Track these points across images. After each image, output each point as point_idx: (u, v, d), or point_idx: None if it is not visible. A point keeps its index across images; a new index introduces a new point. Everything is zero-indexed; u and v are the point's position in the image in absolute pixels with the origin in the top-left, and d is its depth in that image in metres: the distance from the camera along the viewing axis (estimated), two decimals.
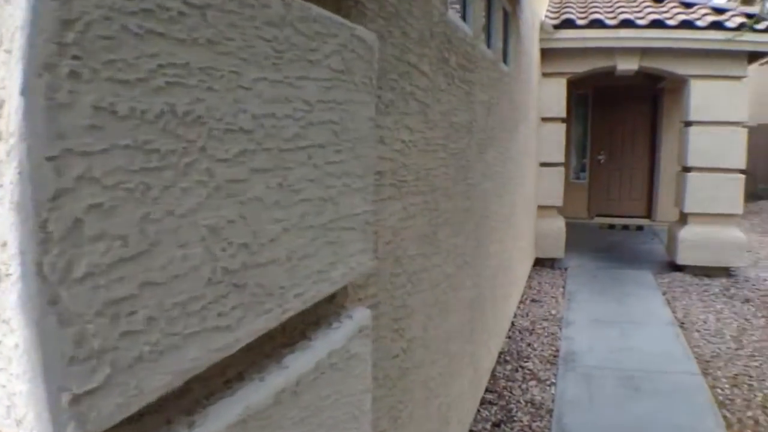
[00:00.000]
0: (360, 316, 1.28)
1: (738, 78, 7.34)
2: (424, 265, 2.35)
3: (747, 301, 6.62)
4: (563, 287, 7.14)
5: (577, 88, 10.94)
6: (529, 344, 5.34)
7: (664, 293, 6.88)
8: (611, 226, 11.21)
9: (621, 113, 11.51)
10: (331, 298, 1.20)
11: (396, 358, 2.02)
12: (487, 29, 4.10)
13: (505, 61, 4.75)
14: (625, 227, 11.13)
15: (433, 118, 2.40)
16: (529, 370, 4.81)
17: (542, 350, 5.21)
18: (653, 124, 11.43)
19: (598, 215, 11.74)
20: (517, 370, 4.81)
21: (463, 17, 3.28)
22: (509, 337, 5.46)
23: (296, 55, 0.94)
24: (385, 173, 1.82)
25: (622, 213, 11.66)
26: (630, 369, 4.76)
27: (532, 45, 6.52)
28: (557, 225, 8.02)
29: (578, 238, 9.72)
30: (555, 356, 5.07)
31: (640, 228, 11.08)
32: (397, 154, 1.91)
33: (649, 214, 11.58)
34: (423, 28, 2.18)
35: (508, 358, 5.03)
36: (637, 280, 7.37)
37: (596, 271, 7.87)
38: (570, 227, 9.84)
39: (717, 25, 7.01)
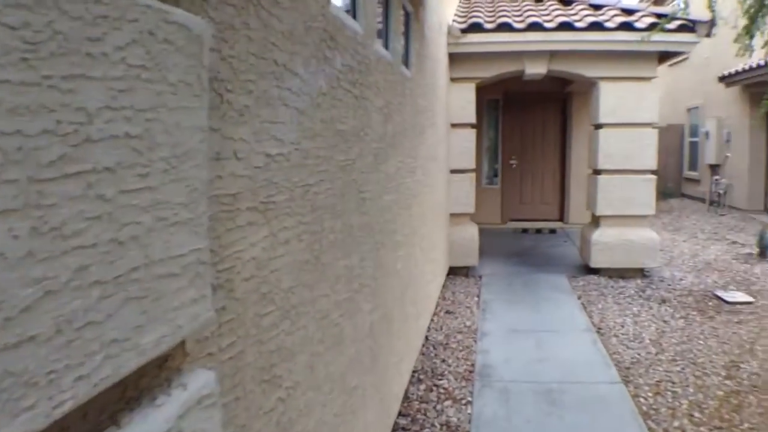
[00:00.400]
0: (199, 382, 0.94)
1: (648, 79, 7.39)
2: (305, 297, 1.98)
3: (663, 301, 6.62)
4: (478, 296, 6.94)
5: (487, 93, 10.89)
6: (443, 360, 5.06)
7: (579, 297, 6.80)
8: (525, 231, 11.22)
9: (532, 118, 11.56)
10: (162, 363, 0.84)
11: (271, 413, 1.64)
12: (385, 30, 3.78)
13: (407, 64, 4.45)
14: (539, 231, 11.16)
15: (312, 126, 2.03)
16: (444, 388, 4.52)
17: (457, 366, 4.94)
18: (563, 127, 11.53)
19: (512, 220, 11.73)
20: (431, 390, 4.51)
21: (354, 15, 2.93)
22: (423, 354, 5.17)
23: (64, 48, 0.68)
24: (241, 195, 1.46)
25: (535, 217, 11.70)
26: (548, 381, 4.57)
27: (438, 49, 6.30)
28: (470, 232, 7.83)
29: (493, 244, 9.63)
30: (471, 371, 4.81)
31: (553, 231, 11.13)
32: (258, 171, 1.56)
33: (561, 217, 11.67)
34: (295, 22, 1.83)
35: (422, 376, 4.73)
36: (552, 285, 7.28)
37: (511, 277, 7.73)
38: (484, 233, 9.70)
39: (626, 26, 7.02)
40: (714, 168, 14.36)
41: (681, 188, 17.02)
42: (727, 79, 12.99)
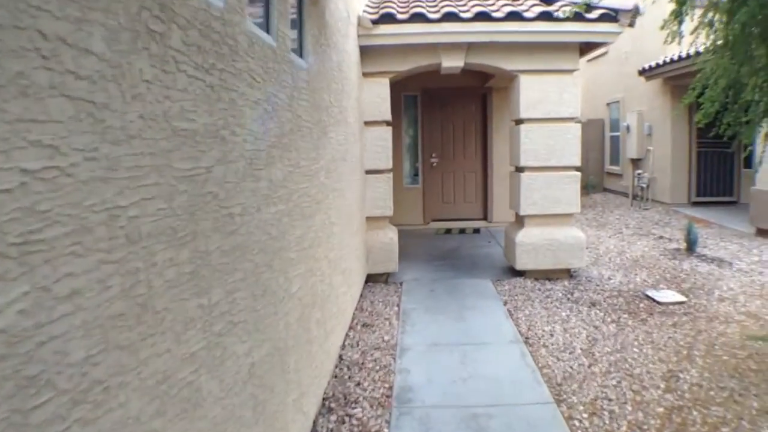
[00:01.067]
0: None
1: (569, 71, 7.04)
2: (123, 364, 1.37)
3: (593, 305, 6.26)
4: (398, 305, 6.41)
5: (404, 89, 10.43)
6: (358, 383, 4.48)
7: (505, 303, 6.36)
8: (448, 231, 10.80)
9: (452, 114, 11.15)
10: None
11: None
12: (266, 10, 3.14)
13: (301, 53, 3.85)
14: (462, 231, 10.76)
15: (123, 125, 1.44)
16: (357, 419, 3.95)
17: (374, 389, 4.37)
18: (484, 123, 11.17)
19: (435, 220, 11.29)
20: (343, 421, 3.92)
21: None
22: (336, 377, 4.59)
23: None
24: None
25: (458, 216, 11.30)
26: (474, 405, 4.05)
27: (347, 41, 5.72)
28: (389, 236, 7.30)
29: (415, 247, 9.18)
30: (388, 396, 4.25)
31: (477, 231, 10.75)
32: (4, 197, 1.03)
33: (485, 215, 11.30)
34: None
35: (333, 404, 4.14)
36: (476, 290, 6.82)
37: (434, 282, 7.24)
38: (406, 235, 9.27)
39: (546, 16, 6.63)
40: (636, 162, 14.33)
41: (603, 183, 17.03)
42: (647, 73, 12.94)
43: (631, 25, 6.74)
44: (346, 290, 5.40)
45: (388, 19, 6.76)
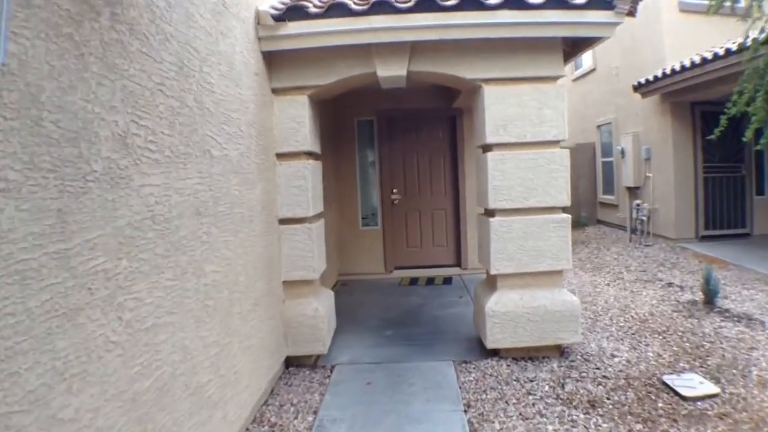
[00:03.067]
0: None
1: (552, 79, 5.24)
2: None
3: (593, 405, 4.37)
4: (315, 413, 4.44)
5: (358, 113, 8.63)
6: None
7: (467, 407, 4.45)
8: (413, 281, 8.86)
9: (415, 142, 9.28)
10: None
11: None
12: None
13: None
14: (431, 281, 8.84)
15: None
16: None
17: None
18: (454, 152, 9.26)
19: (399, 268, 9.33)
20: None
21: None
22: None
23: None
24: None
25: (426, 263, 9.37)
26: None
27: (218, 40, 3.86)
28: (313, 307, 5.38)
29: (366, 306, 7.42)
30: None
31: (448, 281, 8.82)
32: None
33: (458, 261, 9.38)
34: None
35: None
36: (430, 383, 4.92)
37: (375, 369, 5.32)
38: (362, 288, 8.40)
39: (515, 2, 4.77)
40: (633, 191, 12.46)
41: (597, 214, 15.14)
42: (643, 88, 11.13)
43: (632, 13, 4.92)
44: (217, 401, 3.43)
45: (297, 13, 4.92)
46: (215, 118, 3.78)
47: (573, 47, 5.64)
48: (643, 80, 10.95)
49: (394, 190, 9.34)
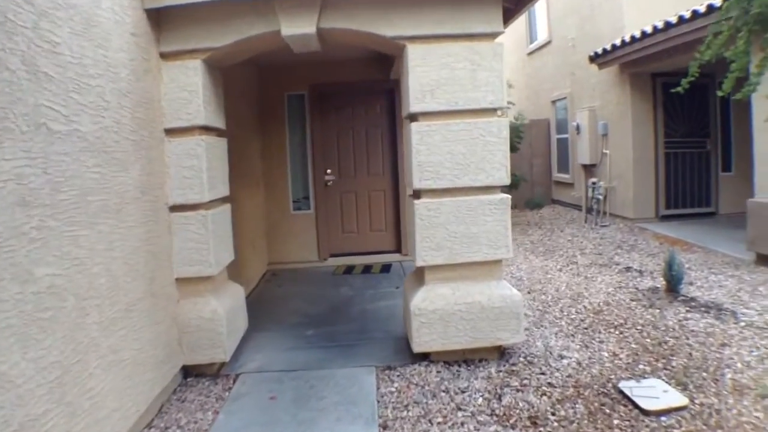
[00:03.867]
0: None
1: (488, 36, 4.42)
2: None
3: (534, 423, 3.68)
4: None
5: (288, 86, 7.76)
6: None
7: (383, 429, 3.64)
8: (349, 270, 8.02)
9: (351, 118, 8.42)
10: None
11: None
12: None
13: None
14: (368, 269, 8.02)
15: None
16: None
17: None
18: (393, 128, 8.39)
19: (334, 255, 8.48)
20: None
21: None
22: None
23: None
24: None
25: (364, 249, 8.56)
26: None
27: None
28: (211, 308, 4.53)
29: (290, 300, 6.69)
30: None
31: (386, 269, 8.01)
32: None
33: (399, 247, 8.55)
34: None
35: None
36: (344, 397, 4.16)
37: (284, 379, 4.56)
38: (291, 279, 7.80)
39: None
40: (589, 169, 11.80)
41: (552, 194, 14.50)
42: (599, 59, 10.42)
43: None
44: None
45: None
46: (59, 85, 2.89)
47: (516, 3, 4.83)
48: (599, 50, 10.22)
49: (328, 171, 8.47)
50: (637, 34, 8.85)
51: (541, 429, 3.57)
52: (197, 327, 4.54)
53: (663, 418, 3.63)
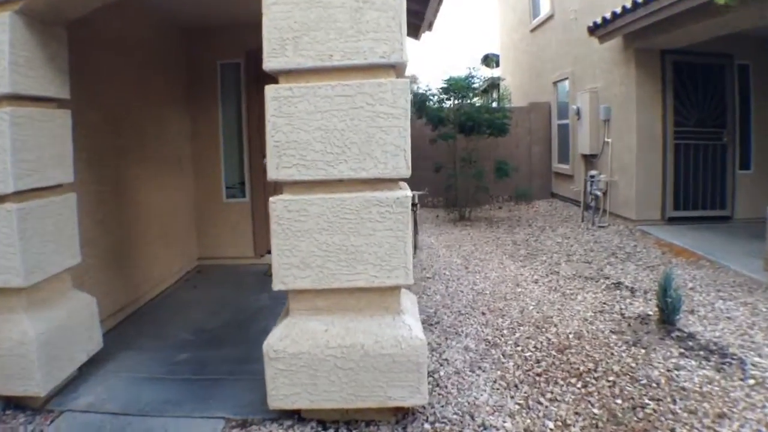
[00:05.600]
0: None
1: None
2: None
3: None
4: None
5: (221, 54, 6.81)
6: None
7: None
8: None
9: None
10: None
11: None
12: None
13: None
14: None
15: None
16: None
17: None
18: None
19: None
20: None
21: None
22: None
23: None
24: None
25: None
26: None
27: None
28: (20, 329, 3.31)
29: (195, 306, 5.65)
30: None
31: None
32: None
33: None
34: None
35: None
36: None
37: (106, 426, 3.34)
38: (214, 279, 6.67)
39: None
40: (590, 159, 10.24)
41: (552, 186, 12.96)
42: (600, 30, 8.84)
43: None
44: None
45: None
46: None
47: None
48: (600, 19, 8.60)
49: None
50: None
51: None
52: (8, 351, 3.35)
53: None
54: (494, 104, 15.74)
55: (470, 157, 10.55)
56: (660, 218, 8.78)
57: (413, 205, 7.77)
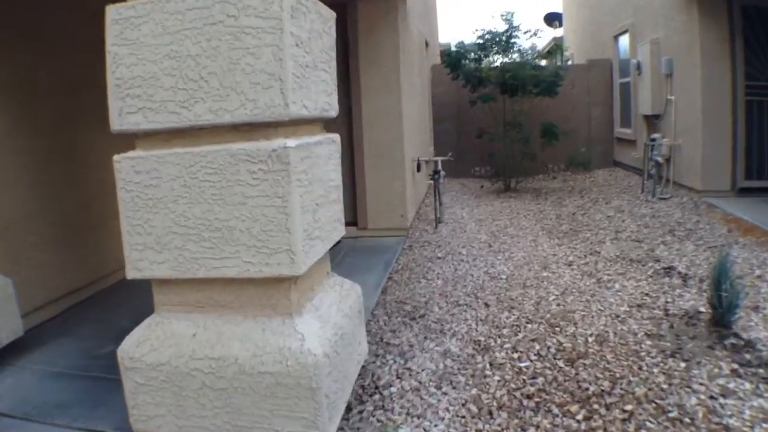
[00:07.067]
0: None
1: None
2: None
3: None
4: None
5: None
6: None
7: None
8: None
9: None
10: None
11: None
12: None
13: None
14: None
15: None
16: None
17: None
18: (345, 56, 6.06)
19: None
20: None
21: None
22: None
23: None
24: None
25: None
26: None
27: None
28: None
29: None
30: None
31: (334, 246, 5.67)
32: None
33: (356, 220, 6.25)
34: None
35: None
36: None
37: None
38: None
39: None
40: (652, 121, 8.88)
41: (614, 153, 11.57)
42: None
43: None
44: None
45: None
46: None
47: None
48: None
49: None
50: None
51: None
52: None
53: None
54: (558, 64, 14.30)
55: (515, 120, 9.34)
56: (730, 189, 7.42)
57: (435, 172, 6.82)
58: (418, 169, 7.04)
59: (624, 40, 10.45)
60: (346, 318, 2.56)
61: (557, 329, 3.70)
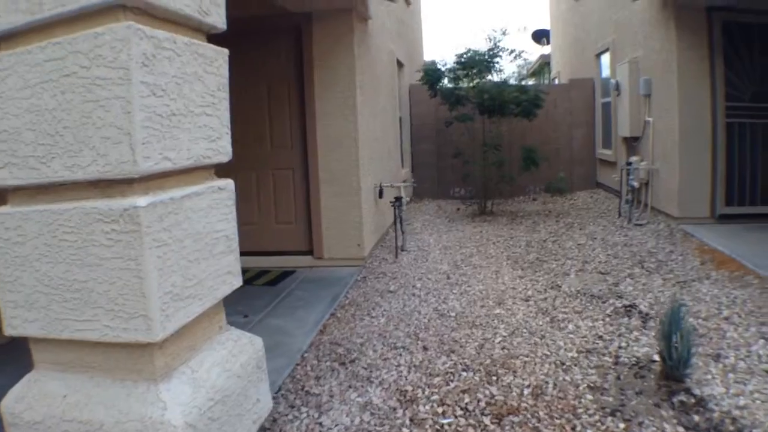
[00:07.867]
0: None
1: None
2: None
3: None
4: None
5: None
6: None
7: None
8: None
9: (246, 68, 6.00)
10: None
11: None
12: None
13: None
14: (262, 274, 5.79)
15: None
16: None
17: None
18: (301, 82, 5.92)
19: None
20: None
21: None
22: None
23: None
24: None
25: (266, 247, 6.30)
26: None
27: None
28: None
29: None
30: None
31: (283, 277, 5.85)
32: None
33: (311, 247, 6.11)
34: None
35: None
36: None
37: None
38: None
39: None
40: (631, 143, 8.74)
41: (597, 175, 11.40)
42: None
43: None
44: None
45: None
46: None
47: None
48: None
49: None
50: None
51: None
52: None
53: None
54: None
55: (494, 142, 9.19)
56: (709, 215, 7.24)
57: (397, 199, 6.68)
58: (381, 195, 6.89)
59: (606, 59, 10.32)
60: (233, 378, 2.42)
61: (494, 378, 3.51)
